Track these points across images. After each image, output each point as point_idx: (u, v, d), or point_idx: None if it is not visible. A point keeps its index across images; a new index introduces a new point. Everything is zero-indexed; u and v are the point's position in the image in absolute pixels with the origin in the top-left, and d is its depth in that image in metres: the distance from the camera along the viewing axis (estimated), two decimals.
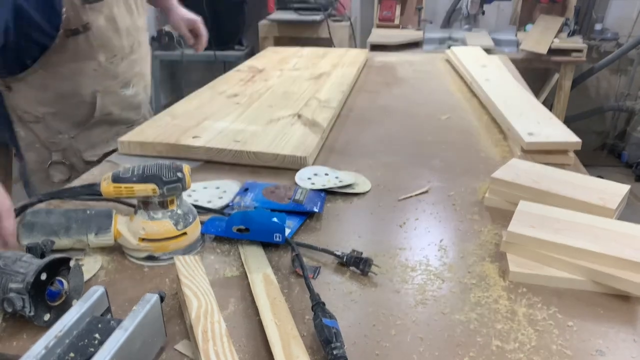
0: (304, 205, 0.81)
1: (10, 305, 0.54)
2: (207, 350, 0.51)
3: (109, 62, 1.13)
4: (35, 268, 0.55)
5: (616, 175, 3.25)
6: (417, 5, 3.15)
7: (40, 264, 0.56)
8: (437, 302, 0.62)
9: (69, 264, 0.59)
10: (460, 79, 1.61)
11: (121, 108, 1.21)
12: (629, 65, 3.32)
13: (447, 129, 1.19)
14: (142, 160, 1.02)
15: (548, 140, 0.99)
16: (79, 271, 0.62)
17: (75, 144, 1.16)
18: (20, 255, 0.59)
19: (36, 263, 0.57)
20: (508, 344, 0.56)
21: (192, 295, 0.58)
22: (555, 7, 3.05)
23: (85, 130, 1.16)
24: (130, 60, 1.20)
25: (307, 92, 1.36)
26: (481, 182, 0.93)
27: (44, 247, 0.61)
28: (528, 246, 0.68)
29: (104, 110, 1.16)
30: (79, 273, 0.61)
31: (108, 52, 1.12)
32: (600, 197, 0.77)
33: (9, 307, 0.54)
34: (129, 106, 1.23)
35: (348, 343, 0.56)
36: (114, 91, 1.17)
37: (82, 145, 1.16)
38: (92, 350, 0.47)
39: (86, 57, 1.09)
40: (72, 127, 1.15)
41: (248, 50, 3.33)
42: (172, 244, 0.70)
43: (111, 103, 1.17)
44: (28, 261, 0.57)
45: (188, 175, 0.70)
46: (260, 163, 0.98)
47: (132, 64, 1.21)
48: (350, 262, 0.68)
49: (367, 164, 1.00)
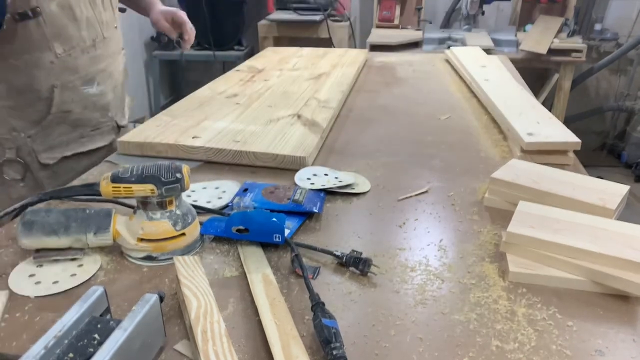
0: (304, 205, 0.81)
1: None
2: (206, 351, 0.51)
3: (67, 54, 1.06)
4: None
5: (616, 175, 3.25)
6: (417, 6, 3.15)
7: None
8: (436, 302, 0.62)
9: None
10: (459, 79, 1.62)
11: (83, 107, 1.13)
12: (629, 65, 3.33)
13: (447, 129, 1.19)
14: (141, 160, 1.02)
15: (548, 140, 0.99)
16: None
17: (32, 143, 1.08)
18: None
19: None
20: (508, 344, 0.56)
21: (192, 296, 0.58)
22: (555, 7, 3.05)
23: (43, 129, 1.09)
24: (94, 55, 1.12)
25: (306, 92, 1.36)
26: (481, 182, 0.93)
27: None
28: (528, 246, 0.68)
29: (62, 107, 1.09)
30: None
31: (65, 43, 1.05)
32: (599, 197, 0.77)
33: None
34: (92, 106, 1.15)
35: (347, 343, 0.56)
36: (73, 87, 1.10)
37: (39, 145, 1.09)
38: (92, 350, 0.47)
39: (40, 47, 1.02)
40: (29, 124, 1.08)
41: (247, 50, 3.33)
42: (171, 245, 0.70)
43: (71, 100, 1.10)
44: None
45: (187, 176, 0.70)
46: (259, 163, 0.98)
47: (95, 60, 1.13)
48: (349, 262, 0.68)
49: (367, 164, 1.00)
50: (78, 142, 1.15)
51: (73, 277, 0.67)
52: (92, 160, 1.15)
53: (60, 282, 0.66)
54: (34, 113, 1.07)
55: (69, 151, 1.13)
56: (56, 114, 1.09)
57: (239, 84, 1.44)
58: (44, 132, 1.09)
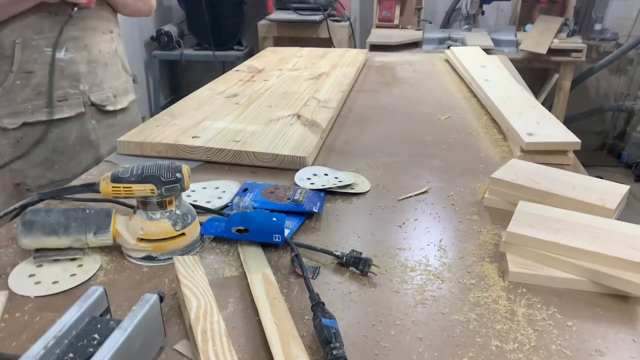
0: (304, 205, 0.81)
1: None
2: (206, 351, 0.51)
3: (32, 12, 1.05)
4: None
5: (616, 175, 3.25)
6: (417, 5, 3.15)
7: None
8: (436, 302, 0.62)
9: None
10: (459, 79, 1.62)
11: (47, 72, 1.11)
12: (629, 65, 3.33)
13: (447, 129, 1.19)
14: (141, 160, 1.02)
15: (547, 140, 0.99)
16: None
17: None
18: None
19: None
20: (507, 344, 0.56)
21: (192, 295, 0.58)
22: (555, 7, 3.05)
23: (6, 92, 1.08)
24: (64, 21, 1.11)
25: (306, 92, 1.36)
26: (481, 182, 0.93)
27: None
28: (527, 246, 0.68)
29: (24, 67, 1.08)
30: None
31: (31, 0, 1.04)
32: (599, 197, 0.77)
33: None
34: (59, 73, 1.13)
35: (347, 343, 0.56)
36: (36, 46, 1.09)
37: (2, 109, 1.09)
38: (91, 350, 0.47)
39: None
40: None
41: (247, 50, 3.33)
42: (170, 245, 0.70)
43: (33, 60, 1.09)
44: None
45: (187, 176, 0.70)
46: (259, 163, 0.98)
47: (66, 26, 1.11)
48: (349, 262, 0.68)
49: (367, 164, 1.00)
50: (42, 112, 1.13)
51: (73, 277, 0.67)
52: (59, 133, 1.14)
53: (60, 282, 0.66)
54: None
55: (33, 118, 1.12)
56: (18, 73, 1.08)
57: (239, 84, 1.44)
58: (7, 96, 1.09)
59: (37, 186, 1.15)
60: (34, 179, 1.16)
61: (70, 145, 1.18)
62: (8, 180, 1.14)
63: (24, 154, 1.12)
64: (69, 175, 1.17)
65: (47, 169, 1.16)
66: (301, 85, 1.42)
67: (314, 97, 1.31)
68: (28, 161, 1.14)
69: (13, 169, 1.13)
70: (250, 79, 1.50)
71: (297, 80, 1.48)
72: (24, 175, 1.15)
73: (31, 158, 1.14)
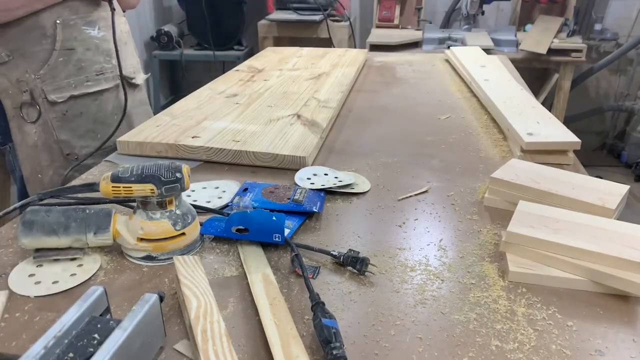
0: (304, 205, 0.81)
1: None
2: (206, 350, 0.51)
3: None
4: None
5: (616, 175, 3.25)
6: (417, 5, 3.15)
7: None
8: (436, 302, 0.62)
9: None
10: (459, 79, 1.62)
11: (85, 47, 1.21)
12: (629, 65, 3.33)
13: (447, 129, 1.19)
14: (141, 160, 1.02)
15: (547, 140, 0.99)
16: None
17: (41, 84, 1.16)
18: None
19: None
20: (507, 344, 0.56)
21: (192, 295, 0.58)
22: (555, 7, 3.05)
23: (50, 69, 1.17)
24: (93, 2, 1.22)
25: (306, 92, 1.36)
26: (481, 182, 0.93)
27: None
28: (527, 246, 0.68)
29: (66, 45, 1.17)
30: None
31: None
32: (599, 197, 0.77)
33: None
34: (95, 48, 1.23)
35: (347, 343, 0.56)
36: (75, 25, 1.18)
37: (48, 86, 1.17)
38: (91, 350, 0.47)
39: None
40: (38, 65, 1.16)
41: (247, 50, 3.33)
42: (171, 244, 0.70)
43: (73, 38, 1.18)
44: None
45: (187, 176, 0.70)
46: (259, 163, 0.98)
47: (95, 7, 1.23)
48: (347, 261, 0.68)
49: (367, 163, 1.00)
50: (84, 85, 1.22)
51: (73, 277, 0.67)
52: (98, 105, 1.26)
53: (60, 282, 0.66)
54: (42, 52, 1.16)
55: (77, 91, 1.21)
56: (60, 51, 1.17)
57: (239, 84, 1.44)
58: (51, 72, 1.17)
59: (84, 154, 1.24)
60: (81, 149, 1.25)
61: (108, 115, 1.28)
62: (57, 152, 1.23)
63: (69, 127, 1.23)
64: (110, 143, 1.24)
65: (91, 138, 1.26)
66: (301, 85, 1.42)
67: (314, 97, 1.31)
68: (74, 132, 1.24)
69: (62, 140, 1.22)
70: (250, 79, 1.50)
71: (297, 80, 1.48)
72: (71, 145, 1.24)
73: (77, 129, 1.24)
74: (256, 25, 3.12)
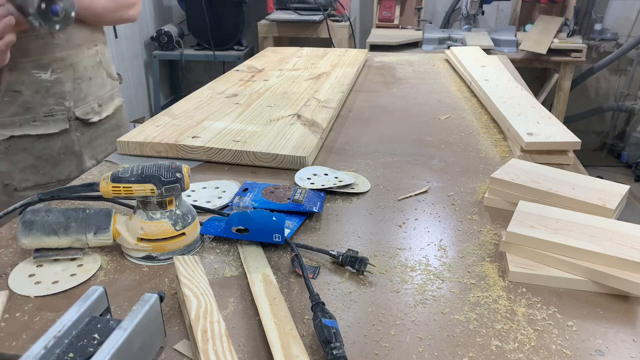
0: (304, 205, 0.81)
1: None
2: (206, 350, 0.51)
3: (18, 37, 1.06)
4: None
5: (616, 175, 3.25)
6: (417, 5, 3.15)
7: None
8: (436, 302, 0.62)
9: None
10: (459, 79, 1.62)
11: (33, 90, 1.16)
12: (629, 65, 3.33)
13: (447, 129, 1.19)
14: (141, 160, 1.02)
15: (548, 140, 0.99)
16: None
17: None
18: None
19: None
20: (507, 344, 0.56)
21: (192, 295, 0.58)
22: (555, 7, 3.05)
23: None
24: (50, 43, 1.15)
25: (306, 92, 1.36)
26: (481, 182, 0.93)
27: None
28: (527, 246, 0.68)
29: (12, 87, 1.13)
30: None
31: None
32: (599, 197, 0.77)
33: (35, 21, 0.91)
34: (45, 91, 1.17)
35: (347, 343, 0.56)
36: (23, 69, 1.13)
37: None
38: (92, 350, 0.47)
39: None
40: None
41: (247, 50, 3.33)
42: (170, 244, 0.70)
43: (20, 82, 1.14)
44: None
45: (187, 176, 0.70)
46: (259, 163, 0.98)
47: (51, 48, 1.16)
48: (345, 261, 0.68)
49: (367, 163, 1.00)
50: (30, 125, 1.18)
51: (73, 277, 0.67)
52: (44, 143, 1.20)
53: (60, 282, 0.66)
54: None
55: (20, 131, 1.16)
56: (6, 92, 1.13)
57: (239, 84, 1.44)
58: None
59: (23, 187, 1.22)
60: (21, 182, 1.22)
61: (54, 155, 1.24)
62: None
63: (13, 164, 1.19)
64: (53, 179, 1.23)
65: (32, 173, 1.22)
66: (301, 85, 1.42)
67: (314, 97, 1.31)
68: (16, 165, 1.20)
69: (1, 172, 1.20)
70: (250, 79, 1.50)
71: (297, 80, 1.48)
72: (11, 177, 1.21)
73: (18, 163, 1.20)
74: (256, 25, 3.12)
